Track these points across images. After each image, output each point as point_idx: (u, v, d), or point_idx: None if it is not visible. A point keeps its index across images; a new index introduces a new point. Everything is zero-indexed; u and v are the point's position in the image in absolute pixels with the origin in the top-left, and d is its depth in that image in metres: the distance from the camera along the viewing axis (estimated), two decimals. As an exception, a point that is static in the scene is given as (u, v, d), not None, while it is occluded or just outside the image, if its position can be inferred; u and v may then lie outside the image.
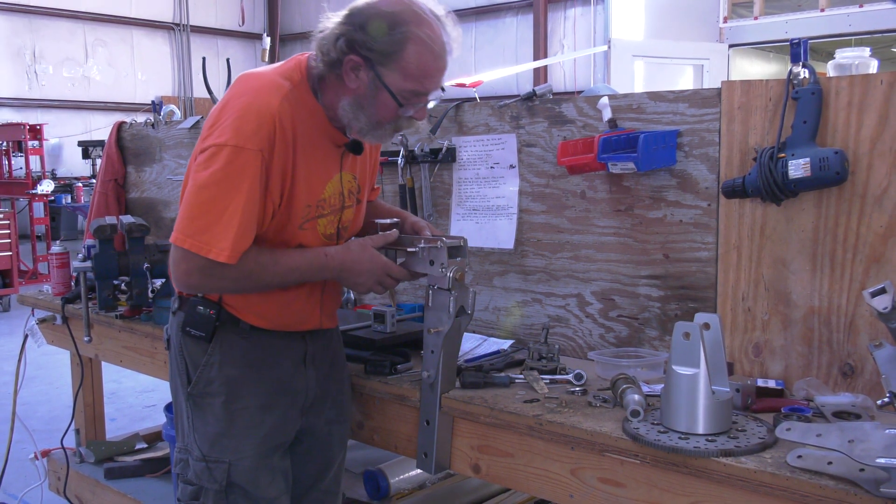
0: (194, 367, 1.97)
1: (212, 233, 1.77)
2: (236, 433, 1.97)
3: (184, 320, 1.97)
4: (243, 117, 1.79)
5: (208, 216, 1.78)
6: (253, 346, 1.98)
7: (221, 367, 1.96)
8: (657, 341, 2.24)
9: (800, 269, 1.94)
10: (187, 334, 1.97)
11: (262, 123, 1.79)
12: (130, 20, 15.79)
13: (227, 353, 1.97)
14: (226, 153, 1.77)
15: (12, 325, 7.75)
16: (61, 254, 3.37)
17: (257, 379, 1.99)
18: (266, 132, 1.80)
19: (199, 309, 1.95)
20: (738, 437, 1.63)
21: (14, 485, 3.79)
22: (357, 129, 1.91)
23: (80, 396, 3.47)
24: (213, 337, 1.96)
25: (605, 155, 2.15)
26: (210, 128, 1.84)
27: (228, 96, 1.88)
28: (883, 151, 1.81)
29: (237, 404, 1.97)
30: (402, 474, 2.97)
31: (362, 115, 1.87)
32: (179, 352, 2.00)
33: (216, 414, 1.96)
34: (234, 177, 1.78)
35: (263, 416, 1.99)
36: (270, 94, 1.84)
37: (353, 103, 1.87)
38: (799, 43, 1.90)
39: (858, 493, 1.40)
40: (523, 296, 2.53)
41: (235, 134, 1.78)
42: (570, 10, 12.93)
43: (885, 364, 1.59)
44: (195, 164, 1.83)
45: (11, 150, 11.41)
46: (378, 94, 1.84)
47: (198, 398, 1.98)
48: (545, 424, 1.82)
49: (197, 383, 1.97)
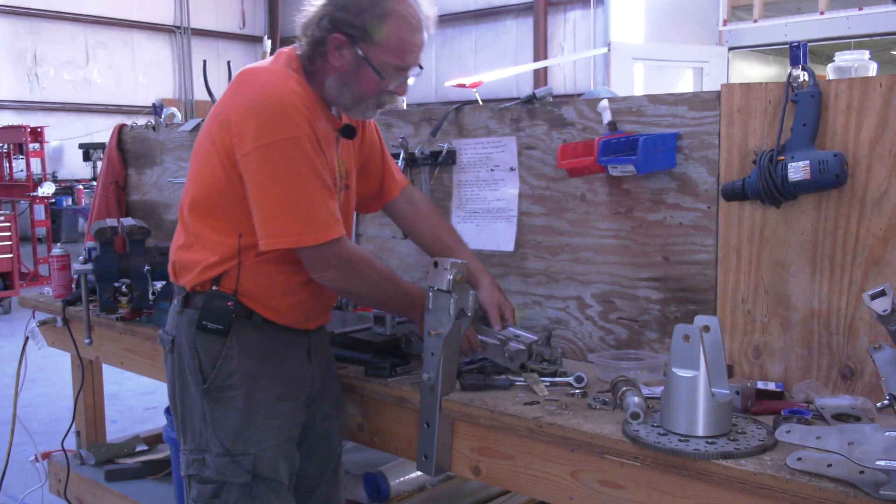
0: (212, 362, 1.97)
1: (317, 220, 1.87)
2: (258, 424, 1.99)
3: (200, 315, 1.96)
4: (279, 110, 1.85)
5: (300, 210, 1.86)
6: (264, 339, 2.02)
7: (240, 359, 1.98)
8: (657, 344, 2.24)
9: (799, 272, 1.95)
10: (203, 329, 1.96)
11: (297, 108, 1.86)
12: (131, 23, 15.81)
13: (244, 344, 1.99)
14: (278, 148, 1.84)
15: (13, 328, 7.75)
16: (62, 256, 3.37)
17: (272, 370, 2.02)
18: (303, 115, 1.87)
19: (215, 302, 1.96)
20: (737, 439, 1.63)
21: (15, 487, 3.79)
22: (342, 106, 2.04)
23: (80, 398, 3.47)
24: (230, 329, 1.97)
25: (605, 158, 2.15)
26: (240, 132, 1.87)
27: (246, 96, 1.91)
28: (882, 154, 1.82)
29: (257, 395, 1.99)
30: (402, 476, 2.97)
31: (346, 92, 1.98)
32: (192, 349, 1.99)
33: (237, 406, 1.98)
34: (299, 166, 1.85)
35: (280, 406, 2.03)
36: (288, 81, 1.91)
37: (337, 80, 1.97)
38: (798, 46, 1.91)
39: (858, 495, 1.41)
40: (523, 298, 2.53)
41: (280, 127, 1.84)
42: (570, 12, 12.95)
43: (884, 366, 1.59)
44: (247, 172, 1.88)
45: (12, 153, 11.42)
46: (361, 69, 1.95)
47: (216, 392, 1.98)
48: (545, 427, 1.82)
49: (216, 377, 1.97)
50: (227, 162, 1.92)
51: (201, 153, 2.01)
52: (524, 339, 2.16)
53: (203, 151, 2.00)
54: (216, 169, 1.95)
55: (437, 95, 13.59)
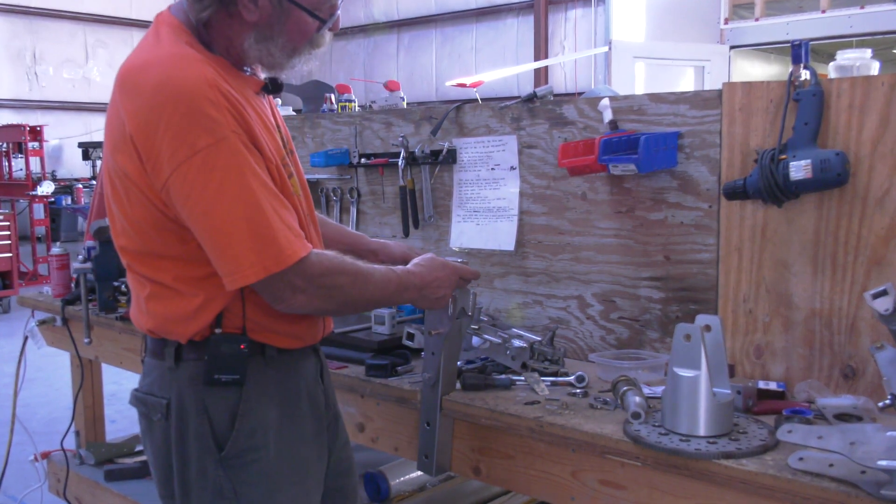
0: (228, 423, 1.62)
1: (277, 239, 1.50)
2: (294, 482, 1.69)
3: (208, 368, 1.60)
4: (190, 110, 1.46)
5: (254, 230, 1.49)
6: (279, 373, 1.70)
7: (259, 411, 1.65)
8: (658, 343, 2.23)
9: (801, 271, 1.94)
10: (215, 384, 1.60)
11: (212, 100, 1.48)
12: (131, 21, 15.78)
13: (262, 391, 1.66)
14: (201, 160, 1.46)
15: (12, 327, 7.74)
16: (61, 255, 3.37)
17: (292, 413, 1.71)
18: (223, 107, 1.49)
19: (224, 348, 1.60)
20: (739, 439, 1.62)
21: (14, 487, 3.79)
22: (270, 64, 1.66)
23: (80, 398, 3.47)
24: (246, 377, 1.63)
25: (606, 156, 2.14)
26: (151, 155, 1.49)
27: (141, 103, 1.51)
28: (884, 153, 1.81)
29: (287, 448, 1.68)
30: (403, 476, 2.96)
31: (272, 46, 1.62)
32: (198, 412, 1.61)
33: (265, 471, 1.64)
34: (235, 176, 1.48)
35: (309, 452, 1.74)
36: (190, 65, 1.51)
37: (259, 37, 1.61)
38: (800, 44, 1.90)
39: (860, 495, 1.40)
40: (524, 297, 2.52)
41: (198, 132, 1.46)
42: (571, 11, 12.92)
43: (886, 366, 1.59)
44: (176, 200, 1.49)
45: (11, 152, 11.43)
46: (288, 17, 1.61)
47: (237, 458, 1.62)
48: (546, 426, 1.82)
49: (237, 439, 1.62)
50: (153, 195, 1.53)
51: (119, 191, 1.58)
52: (527, 339, 2.16)
53: (121, 188, 1.58)
54: (147, 207, 1.55)
55: (437, 94, 13.60)
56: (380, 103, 3.21)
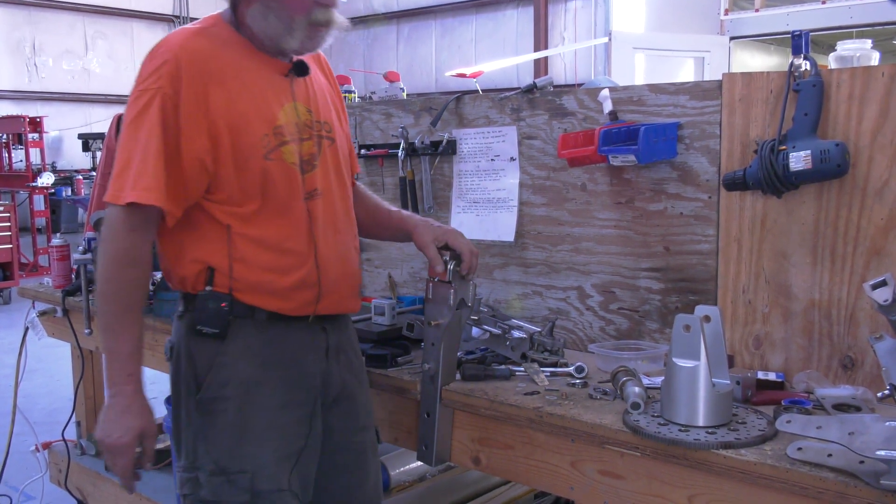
0: (205, 370, 1.79)
1: (125, 177, 1.70)
2: (254, 438, 1.79)
3: (194, 319, 1.79)
4: (148, 62, 1.73)
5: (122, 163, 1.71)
6: (270, 341, 1.82)
7: (235, 366, 1.79)
8: (657, 334, 2.24)
9: (800, 262, 1.94)
10: (198, 334, 1.79)
11: (169, 64, 1.70)
12: (131, 12, 15.73)
13: (244, 349, 1.80)
14: (133, 97, 1.72)
15: (13, 318, 7.75)
16: (62, 246, 3.37)
17: (275, 376, 1.82)
18: (172, 76, 1.70)
19: (209, 304, 1.77)
20: (738, 429, 1.63)
21: (15, 477, 3.80)
22: (273, 39, 1.79)
23: (80, 389, 3.47)
24: (227, 333, 1.79)
25: (606, 147, 2.14)
26: None
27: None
28: (884, 144, 1.81)
29: (252, 406, 1.80)
30: (403, 466, 2.97)
31: (272, 19, 1.76)
32: (187, 357, 1.81)
33: (229, 421, 1.79)
34: (138, 121, 1.70)
35: (282, 416, 1.83)
36: (180, 36, 1.77)
37: (260, 11, 1.77)
38: (800, 35, 1.90)
39: (858, 485, 1.41)
40: (523, 288, 2.53)
41: (142, 78, 1.72)
42: (571, 2, 12.88)
43: (885, 356, 1.59)
44: None
45: (11, 143, 11.41)
46: None
47: (209, 404, 1.79)
48: (545, 417, 1.82)
49: (209, 387, 1.79)
50: None
51: None
52: (526, 329, 2.16)
53: None
54: None
55: (437, 85, 13.56)
56: (379, 94, 3.21)
